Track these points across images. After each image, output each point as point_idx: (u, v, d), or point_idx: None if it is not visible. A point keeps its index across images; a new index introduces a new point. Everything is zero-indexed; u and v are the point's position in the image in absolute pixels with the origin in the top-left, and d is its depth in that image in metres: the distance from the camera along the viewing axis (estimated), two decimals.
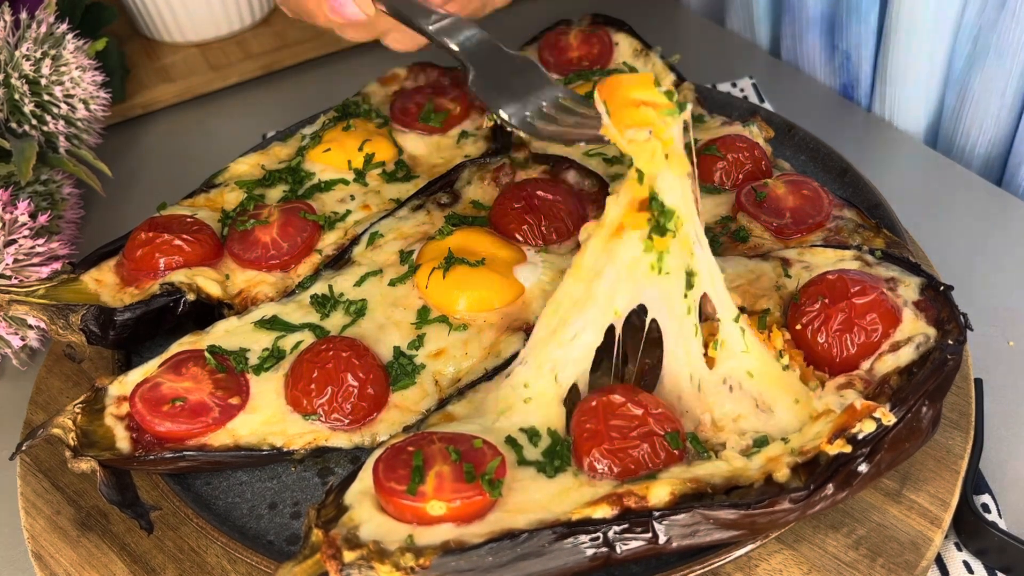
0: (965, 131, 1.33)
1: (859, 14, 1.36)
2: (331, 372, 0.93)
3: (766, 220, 1.07)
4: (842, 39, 1.41)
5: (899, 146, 1.37)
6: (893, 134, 1.39)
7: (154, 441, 0.92)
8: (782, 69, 1.54)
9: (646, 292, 0.86)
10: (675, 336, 0.88)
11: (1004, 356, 1.07)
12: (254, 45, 1.63)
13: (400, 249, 1.08)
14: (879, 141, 1.38)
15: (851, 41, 1.39)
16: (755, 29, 1.60)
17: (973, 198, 1.27)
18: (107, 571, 0.92)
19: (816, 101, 1.47)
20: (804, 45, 1.49)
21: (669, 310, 0.87)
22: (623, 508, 0.78)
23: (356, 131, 1.24)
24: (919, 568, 0.85)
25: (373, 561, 0.75)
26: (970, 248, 1.19)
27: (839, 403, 0.86)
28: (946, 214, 1.24)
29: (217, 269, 1.10)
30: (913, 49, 1.30)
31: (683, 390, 0.89)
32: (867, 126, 1.41)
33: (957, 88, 1.32)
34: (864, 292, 0.90)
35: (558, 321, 0.89)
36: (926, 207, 1.25)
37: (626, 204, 0.84)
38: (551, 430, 0.87)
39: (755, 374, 0.88)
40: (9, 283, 1.05)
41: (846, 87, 1.46)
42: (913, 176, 1.33)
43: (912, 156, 1.36)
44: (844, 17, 1.38)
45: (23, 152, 1.14)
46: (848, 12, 1.37)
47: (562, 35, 1.38)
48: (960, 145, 1.35)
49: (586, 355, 0.89)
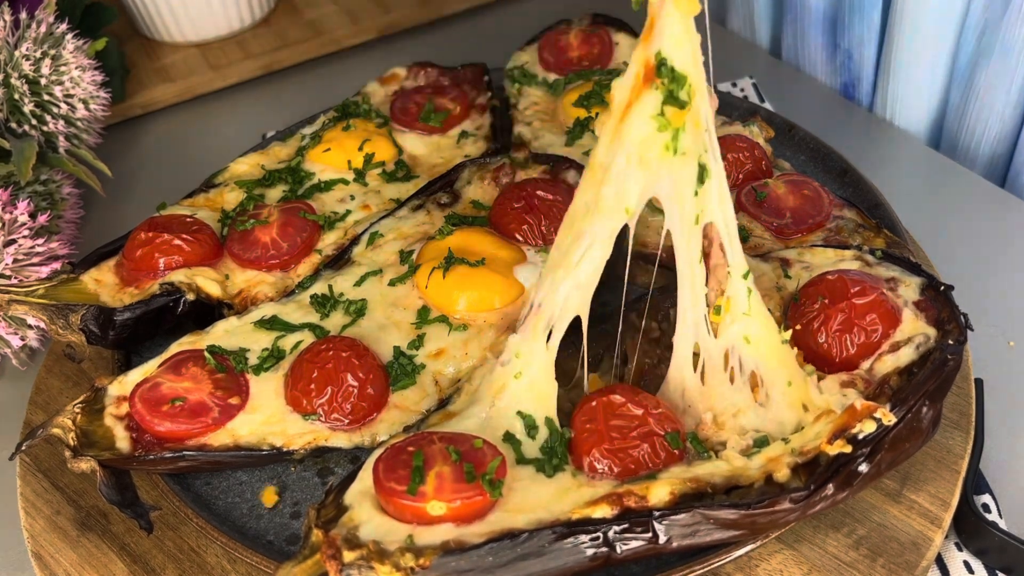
0: (969, 129, 1.32)
1: (861, 12, 1.36)
2: (331, 372, 0.93)
3: (766, 220, 1.07)
4: (844, 37, 1.41)
5: (900, 145, 1.37)
6: (894, 133, 1.39)
7: (154, 441, 0.92)
8: (782, 69, 1.54)
9: (660, 183, 0.80)
10: (686, 258, 0.84)
11: (1004, 356, 1.07)
12: (254, 45, 1.63)
13: (400, 249, 1.08)
14: (880, 141, 1.38)
15: (853, 39, 1.39)
16: (755, 28, 1.60)
17: (973, 198, 1.27)
18: (107, 571, 0.92)
19: (816, 100, 1.47)
20: (805, 44, 1.49)
21: (681, 211, 0.81)
22: (623, 508, 0.78)
23: (356, 131, 1.24)
24: (919, 568, 0.85)
25: (373, 561, 0.75)
26: (970, 248, 1.19)
27: (840, 403, 0.86)
28: (946, 214, 1.24)
29: (217, 269, 1.10)
30: (917, 46, 1.30)
31: (687, 381, 0.89)
32: (867, 125, 1.41)
33: (961, 85, 1.31)
34: (864, 292, 0.90)
35: (571, 239, 0.84)
36: (926, 207, 1.25)
37: (632, 79, 0.76)
38: (548, 419, 0.87)
39: (754, 341, 0.87)
40: (9, 283, 1.05)
41: (847, 86, 1.46)
42: (913, 176, 1.32)
43: (913, 156, 1.36)
44: (846, 15, 1.38)
45: (23, 152, 1.14)
46: (851, 10, 1.37)
47: (562, 35, 1.38)
48: (964, 144, 1.35)
49: (592, 277, 0.84)
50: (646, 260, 1.10)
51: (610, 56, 1.37)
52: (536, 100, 1.32)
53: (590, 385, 0.93)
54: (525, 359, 0.88)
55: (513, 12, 1.74)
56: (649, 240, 1.09)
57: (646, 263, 1.10)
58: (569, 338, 0.99)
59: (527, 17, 1.70)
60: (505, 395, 0.88)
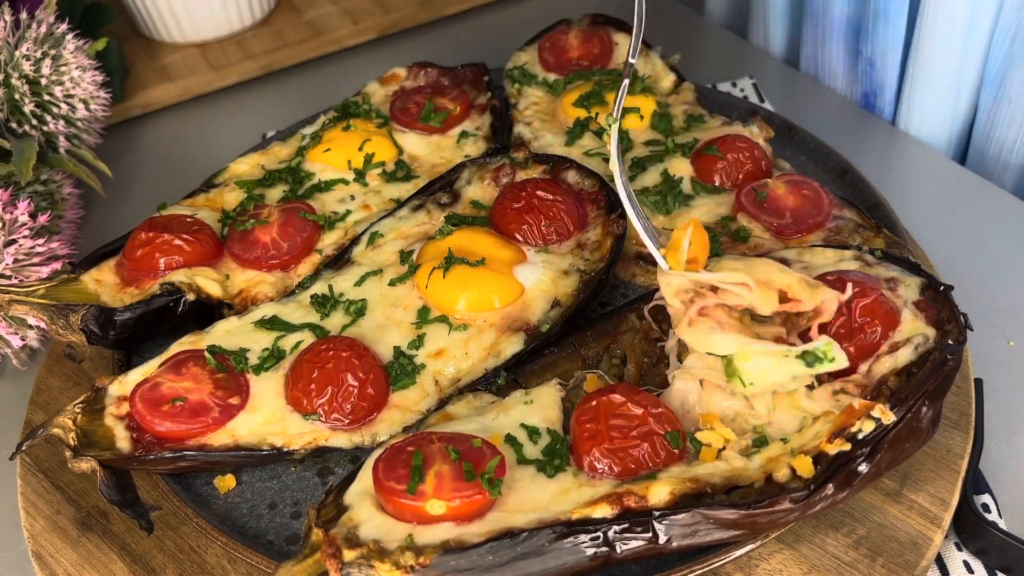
0: (1000, 135, 1.28)
1: (887, 18, 1.31)
2: (331, 372, 0.93)
3: (766, 220, 1.07)
4: (867, 45, 1.36)
5: (900, 145, 1.37)
6: (900, 137, 1.38)
7: (154, 441, 0.92)
8: (783, 70, 1.54)
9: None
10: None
11: (1004, 356, 1.07)
12: (254, 45, 1.63)
13: (400, 249, 1.08)
14: (885, 143, 1.38)
15: (877, 46, 1.35)
16: (770, 36, 1.57)
17: (972, 198, 1.27)
18: (107, 571, 0.92)
19: (819, 103, 1.47)
20: (826, 52, 1.44)
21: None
22: (623, 508, 0.78)
23: (356, 131, 1.24)
24: (919, 568, 0.85)
25: (373, 560, 0.75)
26: (970, 248, 1.19)
27: (836, 406, 0.86)
28: (946, 214, 1.24)
29: (217, 269, 1.10)
30: (944, 51, 1.27)
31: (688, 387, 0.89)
32: (869, 128, 1.41)
33: (993, 89, 1.28)
34: (864, 294, 0.90)
35: None
36: (926, 207, 1.25)
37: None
38: (551, 430, 0.87)
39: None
40: (9, 283, 1.05)
41: (868, 95, 1.42)
42: (913, 176, 1.32)
43: (913, 156, 1.35)
44: (870, 21, 1.33)
45: (23, 152, 1.14)
46: (875, 16, 1.32)
47: (562, 35, 1.38)
48: (995, 152, 1.31)
49: None
50: (646, 260, 1.10)
51: (610, 56, 1.37)
52: (536, 100, 1.32)
53: (590, 385, 0.93)
54: (536, 393, 0.91)
55: (513, 12, 1.74)
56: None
57: (646, 263, 1.11)
58: (569, 338, 1.00)
59: (527, 17, 1.70)
60: (512, 412, 0.89)
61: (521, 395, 0.90)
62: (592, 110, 1.25)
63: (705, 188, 1.14)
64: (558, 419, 0.88)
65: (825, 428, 0.82)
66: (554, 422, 0.88)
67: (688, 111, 1.27)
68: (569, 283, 1.04)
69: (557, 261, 1.05)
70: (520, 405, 0.89)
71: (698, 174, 1.15)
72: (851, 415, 0.81)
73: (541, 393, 0.90)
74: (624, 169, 1.01)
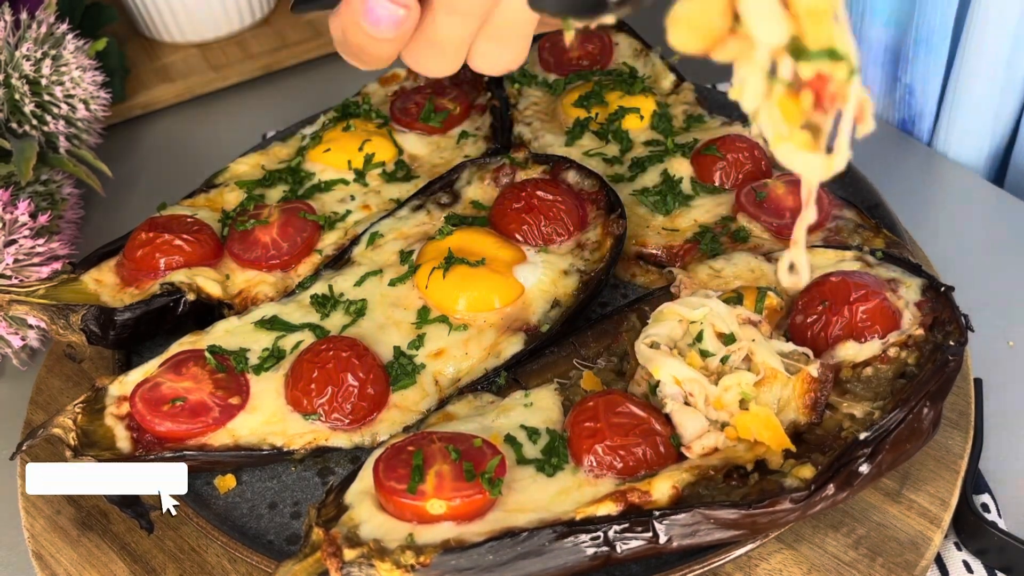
0: None
1: (928, 45, 1.28)
2: (331, 372, 0.93)
3: (766, 220, 1.07)
4: (907, 72, 1.33)
5: (898, 145, 1.37)
6: (899, 138, 1.38)
7: (154, 441, 0.92)
8: None
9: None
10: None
11: (1004, 356, 1.07)
12: (254, 45, 1.63)
13: (400, 249, 1.08)
14: (886, 144, 1.38)
15: (917, 73, 1.32)
16: None
17: (972, 198, 1.27)
18: (107, 571, 0.92)
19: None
20: (863, 79, 1.42)
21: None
22: (627, 504, 0.78)
23: (356, 131, 1.24)
24: (919, 568, 0.85)
25: (373, 559, 0.75)
26: (970, 248, 1.19)
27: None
28: (946, 214, 1.24)
29: (217, 269, 1.10)
30: (988, 77, 1.25)
31: None
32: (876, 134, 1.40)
33: None
34: (867, 298, 0.90)
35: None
36: (926, 207, 1.25)
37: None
38: (550, 429, 0.87)
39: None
40: (9, 283, 1.05)
41: (905, 122, 1.39)
42: (913, 176, 1.32)
43: (914, 157, 1.35)
44: (911, 49, 1.31)
45: (23, 152, 1.14)
46: (916, 44, 1.29)
47: (562, 35, 1.38)
48: None
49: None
50: (646, 260, 1.10)
51: (610, 56, 1.37)
52: (536, 100, 1.32)
53: (587, 384, 0.93)
54: (536, 396, 0.91)
55: None
56: (649, 240, 1.10)
57: (646, 263, 1.11)
58: (568, 338, 1.00)
59: None
60: (512, 413, 0.89)
61: (521, 396, 0.90)
62: (592, 110, 1.25)
63: (705, 188, 1.14)
64: (558, 420, 0.89)
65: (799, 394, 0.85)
66: (554, 423, 0.88)
67: (688, 111, 1.27)
68: (569, 283, 1.04)
69: (557, 261, 1.05)
70: (520, 407, 0.89)
71: (698, 174, 1.15)
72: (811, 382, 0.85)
73: (541, 395, 0.90)
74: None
